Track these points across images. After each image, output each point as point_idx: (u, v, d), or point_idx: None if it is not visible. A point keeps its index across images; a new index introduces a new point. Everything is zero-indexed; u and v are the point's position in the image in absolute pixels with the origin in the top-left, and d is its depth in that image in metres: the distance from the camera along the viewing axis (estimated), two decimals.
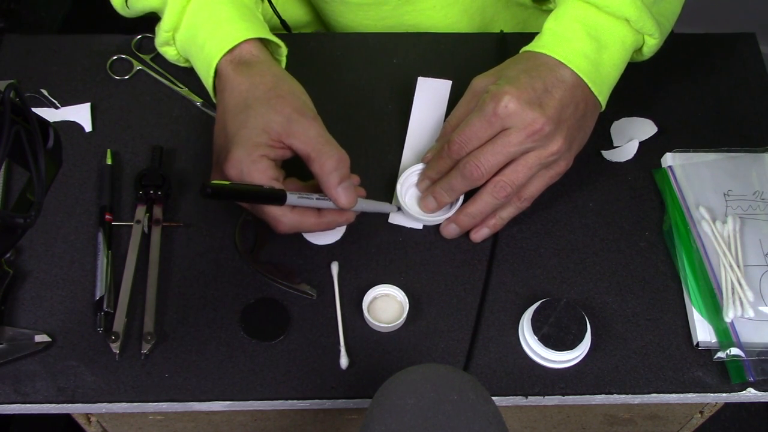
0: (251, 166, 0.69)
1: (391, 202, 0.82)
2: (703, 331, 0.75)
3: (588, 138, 0.78)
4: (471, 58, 0.91)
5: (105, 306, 0.75)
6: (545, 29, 0.75)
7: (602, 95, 0.75)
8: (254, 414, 0.87)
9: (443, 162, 0.76)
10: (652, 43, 0.77)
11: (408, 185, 0.81)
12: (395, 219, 0.81)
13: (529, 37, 0.79)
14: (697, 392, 0.74)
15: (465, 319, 0.77)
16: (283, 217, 0.72)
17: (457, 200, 0.79)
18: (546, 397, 0.74)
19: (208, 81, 0.78)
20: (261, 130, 0.70)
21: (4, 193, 0.82)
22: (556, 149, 0.72)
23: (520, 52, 0.76)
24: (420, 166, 0.81)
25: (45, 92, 0.87)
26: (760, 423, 1.53)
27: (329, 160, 0.70)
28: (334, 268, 0.78)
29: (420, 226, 0.81)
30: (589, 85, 0.73)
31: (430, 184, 0.78)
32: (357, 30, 0.97)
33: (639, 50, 0.79)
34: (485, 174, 0.73)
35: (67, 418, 0.87)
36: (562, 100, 0.72)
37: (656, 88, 0.90)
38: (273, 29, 0.83)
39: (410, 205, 0.80)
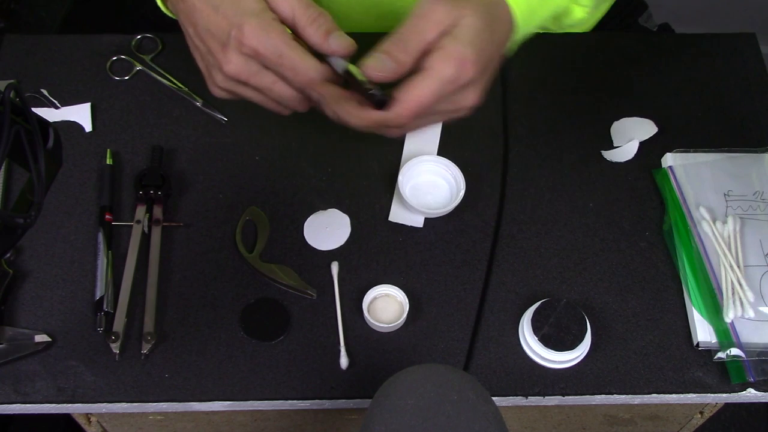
0: (270, 29, 0.66)
1: (392, 200, 0.82)
2: (703, 332, 0.75)
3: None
4: None
5: (105, 306, 0.75)
6: None
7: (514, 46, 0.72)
8: (254, 414, 0.87)
9: (373, 120, 0.68)
10: (579, 16, 0.73)
11: (409, 176, 0.82)
12: (395, 216, 0.81)
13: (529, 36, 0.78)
14: (697, 392, 0.74)
15: (465, 319, 0.77)
16: (314, 69, 0.67)
17: (459, 192, 0.80)
18: (546, 397, 0.74)
19: None
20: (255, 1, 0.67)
21: (4, 193, 0.82)
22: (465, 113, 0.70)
23: None
24: (424, 158, 0.81)
25: (45, 92, 0.87)
26: (760, 423, 1.53)
27: (312, 16, 0.67)
28: (334, 268, 0.78)
29: (420, 221, 0.81)
30: (517, 38, 0.71)
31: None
32: (347, 14, 0.96)
33: (559, 18, 0.74)
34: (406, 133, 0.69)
35: (67, 418, 0.87)
36: (499, 63, 0.69)
37: (656, 88, 0.90)
38: None
39: (411, 197, 0.80)
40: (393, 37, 0.66)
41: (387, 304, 0.76)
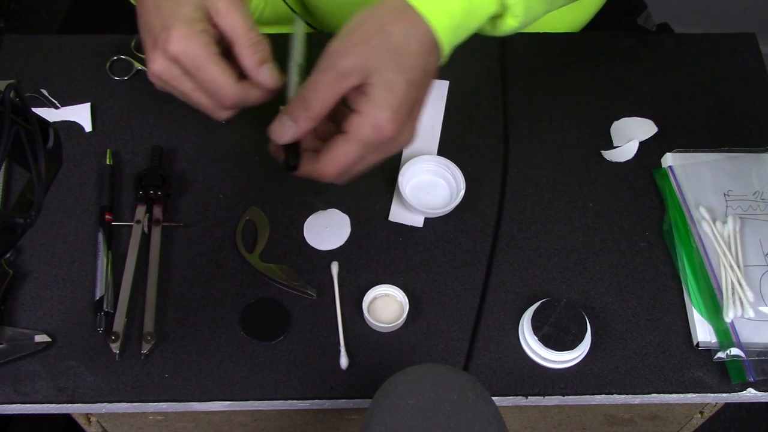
0: (194, 40, 0.66)
1: (392, 200, 0.82)
2: (703, 331, 0.75)
3: None
4: (469, 57, 0.91)
5: (105, 306, 0.75)
6: None
7: (444, 56, 0.69)
8: (254, 414, 0.87)
9: (303, 172, 0.70)
10: (512, 25, 0.71)
11: (409, 176, 0.82)
12: (395, 216, 0.81)
13: (529, 36, 0.79)
14: (697, 392, 0.74)
15: (465, 319, 0.77)
16: (227, 88, 0.68)
17: (459, 192, 0.80)
18: (546, 397, 0.74)
19: None
20: (196, 7, 0.68)
21: (4, 193, 0.82)
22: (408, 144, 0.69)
23: None
24: (424, 158, 0.82)
25: (45, 92, 0.87)
26: (760, 423, 1.53)
27: (252, 41, 0.68)
28: (334, 268, 0.78)
29: (420, 221, 0.81)
30: (441, 61, 0.69)
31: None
32: (340, 13, 0.96)
33: (493, 22, 0.72)
34: (347, 180, 0.70)
35: (67, 418, 0.87)
36: (425, 101, 0.69)
37: (656, 88, 0.90)
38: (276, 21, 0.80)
39: (411, 197, 0.81)
40: (298, 95, 0.66)
41: (387, 304, 0.76)
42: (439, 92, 0.88)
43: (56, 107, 0.86)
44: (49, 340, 0.74)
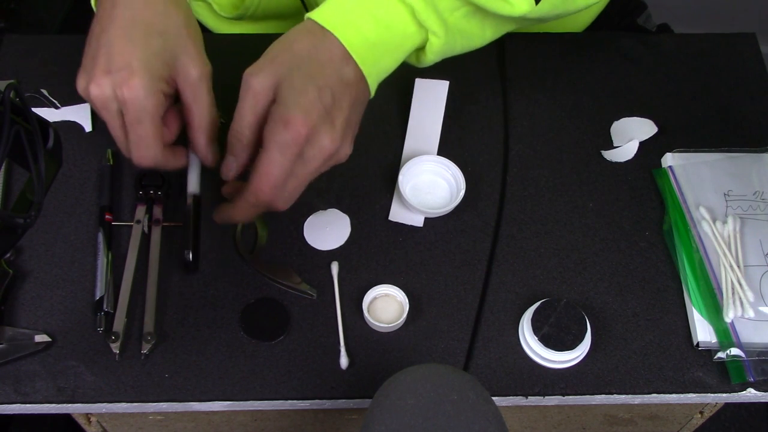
0: (151, 96, 0.67)
1: (392, 200, 0.82)
2: (703, 331, 0.75)
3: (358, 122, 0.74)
4: (469, 57, 0.90)
5: (105, 306, 0.75)
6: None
7: (374, 87, 0.72)
8: (254, 414, 0.87)
9: (247, 205, 0.70)
10: (435, 44, 0.73)
11: (409, 176, 0.82)
12: (395, 216, 0.81)
13: (529, 36, 0.79)
14: (697, 392, 0.74)
15: (465, 319, 0.77)
16: (153, 150, 0.70)
17: (459, 192, 0.80)
18: (546, 397, 0.74)
19: None
20: (164, 61, 0.69)
21: (4, 193, 0.82)
22: (343, 155, 0.70)
23: (305, 18, 0.71)
24: (424, 158, 0.82)
25: (45, 92, 0.87)
26: (760, 423, 1.53)
27: (212, 122, 0.72)
28: (334, 268, 0.78)
29: (420, 221, 0.81)
30: (368, 80, 0.70)
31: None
32: None
33: (422, 50, 0.75)
34: (290, 202, 0.70)
35: (67, 418, 0.87)
36: (347, 109, 0.69)
37: (656, 88, 0.90)
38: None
39: (411, 196, 0.81)
40: (230, 131, 0.70)
41: (387, 304, 0.76)
42: (439, 92, 0.88)
43: (56, 107, 0.86)
44: (49, 340, 0.74)
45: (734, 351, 0.73)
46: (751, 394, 0.74)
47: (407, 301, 0.76)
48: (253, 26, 1.00)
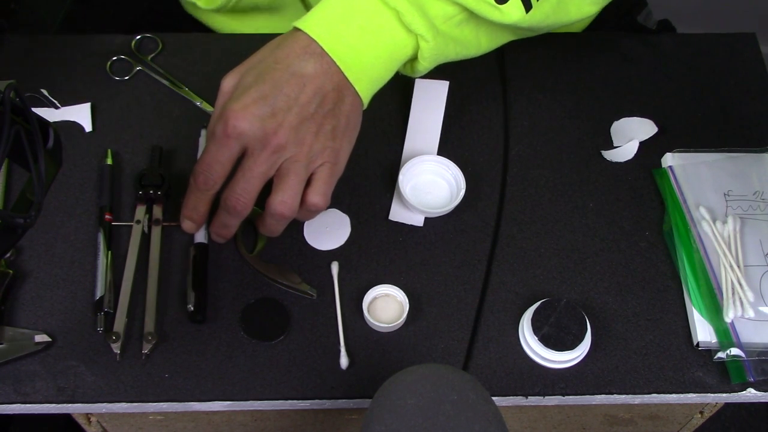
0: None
1: (392, 200, 0.82)
2: (703, 331, 0.75)
3: (357, 127, 0.74)
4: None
5: (105, 306, 0.75)
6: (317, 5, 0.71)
7: (361, 84, 0.71)
8: (254, 414, 0.87)
9: (194, 197, 0.72)
10: (425, 48, 0.72)
11: (410, 176, 0.82)
12: (396, 215, 0.81)
13: (529, 37, 0.79)
14: (697, 392, 0.74)
15: (465, 319, 0.77)
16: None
17: (459, 192, 0.79)
18: (546, 397, 0.74)
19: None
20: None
21: (4, 193, 0.82)
22: (306, 151, 0.69)
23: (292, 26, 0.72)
24: (424, 157, 0.82)
25: (45, 92, 0.87)
26: (760, 423, 1.53)
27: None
28: (334, 268, 0.78)
29: (420, 221, 0.81)
30: (343, 70, 0.69)
31: (195, 227, 0.75)
32: None
33: (415, 59, 0.75)
34: (249, 202, 0.70)
35: (67, 418, 0.87)
36: (300, 99, 0.68)
37: (656, 88, 0.90)
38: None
39: (411, 196, 0.81)
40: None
41: (387, 304, 0.76)
42: (439, 92, 0.88)
43: (56, 107, 0.86)
44: (49, 340, 0.74)
45: (734, 351, 0.73)
46: (751, 394, 0.74)
47: (407, 301, 0.76)
48: (247, 21, 0.99)
